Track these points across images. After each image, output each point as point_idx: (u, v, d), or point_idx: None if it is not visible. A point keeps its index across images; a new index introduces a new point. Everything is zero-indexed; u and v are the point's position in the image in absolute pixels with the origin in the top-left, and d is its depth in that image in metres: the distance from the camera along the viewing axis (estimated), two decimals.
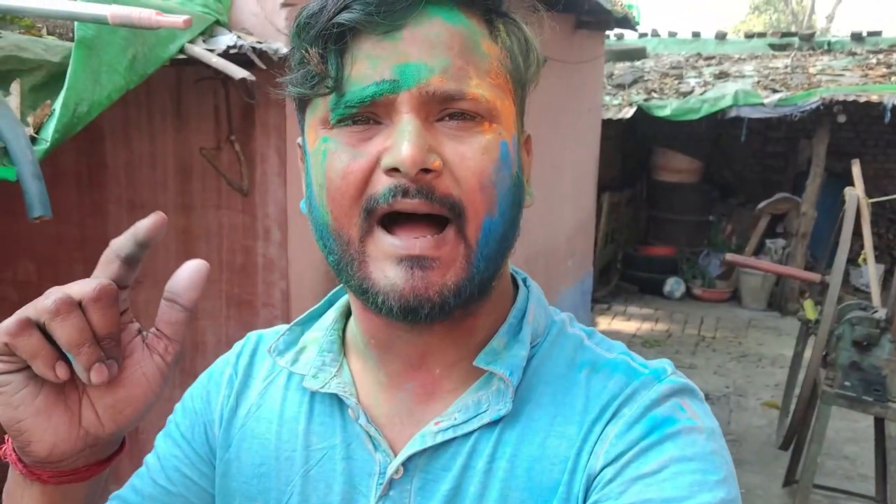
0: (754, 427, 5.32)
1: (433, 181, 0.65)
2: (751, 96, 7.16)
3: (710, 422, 0.71)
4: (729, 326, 7.62)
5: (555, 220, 5.54)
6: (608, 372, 0.74)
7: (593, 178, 6.59)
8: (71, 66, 1.41)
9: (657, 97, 7.64)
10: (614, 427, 0.69)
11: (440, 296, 0.66)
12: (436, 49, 0.66)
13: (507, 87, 0.70)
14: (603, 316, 7.80)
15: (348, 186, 0.66)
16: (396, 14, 0.65)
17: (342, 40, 0.65)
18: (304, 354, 0.81)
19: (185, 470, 0.84)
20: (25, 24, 1.52)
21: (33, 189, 1.22)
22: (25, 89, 1.39)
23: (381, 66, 0.65)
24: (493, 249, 0.68)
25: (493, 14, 0.71)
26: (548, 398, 0.73)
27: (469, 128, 0.67)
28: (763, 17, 23.75)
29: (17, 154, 1.22)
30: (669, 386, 0.71)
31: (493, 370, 0.72)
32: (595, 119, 6.53)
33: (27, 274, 2.90)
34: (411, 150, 0.63)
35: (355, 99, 0.65)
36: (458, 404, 0.74)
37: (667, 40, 9.95)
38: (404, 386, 0.76)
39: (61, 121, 1.34)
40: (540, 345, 0.77)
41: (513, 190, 0.70)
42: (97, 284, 0.60)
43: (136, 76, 1.60)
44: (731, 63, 8.62)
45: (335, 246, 0.68)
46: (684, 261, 8.62)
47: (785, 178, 9.01)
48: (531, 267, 5.03)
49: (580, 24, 5.44)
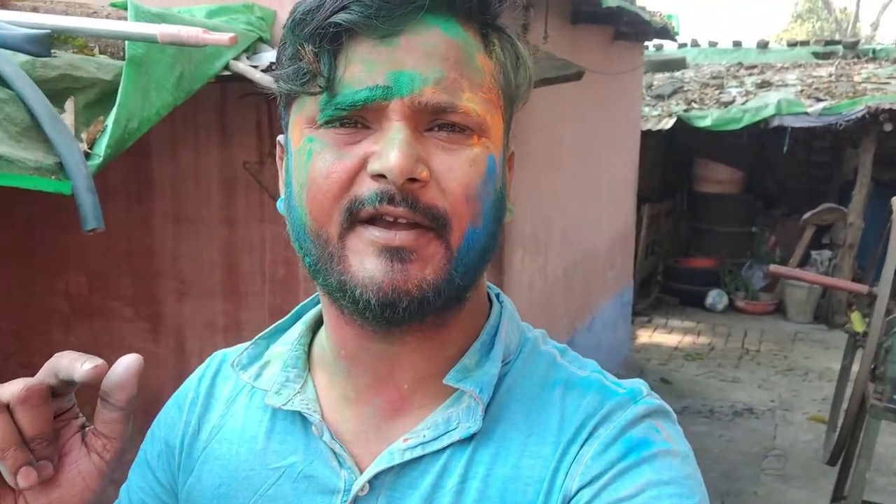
0: (801, 442, 5.21)
1: (418, 191, 0.64)
2: (794, 105, 7.05)
3: (684, 445, 0.70)
4: (773, 339, 7.48)
5: (593, 231, 5.51)
6: (582, 390, 0.73)
7: (633, 190, 6.55)
8: (122, 84, 1.46)
9: (697, 107, 7.56)
10: (590, 448, 0.69)
11: (419, 290, 0.64)
12: (431, 59, 0.65)
13: (497, 103, 0.70)
14: (643, 329, 7.72)
15: (331, 186, 0.65)
16: (395, 20, 0.64)
17: (338, 41, 0.64)
18: (267, 369, 0.79)
19: (149, 501, 0.83)
20: (79, 44, 1.58)
21: (87, 202, 1.27)
22: (79, 106, 1.44)
23: (376, 71, 0.64)
24: (473, 259, 0.68)
25: (490, 28, 0.70)
26: (521, 416, 0.72)
27: (458, 140, 0.66)
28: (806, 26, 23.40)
29: (71, 168, 1.27)
30: (645, 407, 0.71)
31: (462, 388, 0.71)
32: (634, 130, 6.50)
33: (78, 286, 2.98)
34: (400, 159, 0.62)
35: (347, 102, 0.64)
36: (428, 421, 0.72)
37: (707, 50, 9.85)
38: (371, 401, 0.74)
39: (113, 136, 1.38)
40: (513, 362, 0.75)
41: (496, 204, 0.69)
42: (24, 386, 0.60)
43: (183, 93, 1.64)
44: (774, 72, 8.50)
45: (312, 247, 0.67)
46: (727, 273, 8.49)
47: (830, 189, 8.84)
48: (570, 278, 5.01)
49: (619, 36, 5.42)
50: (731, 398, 5.96)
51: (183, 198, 2.70)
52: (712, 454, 4.97)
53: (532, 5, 3.83)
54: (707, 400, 5.89)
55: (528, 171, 4.00)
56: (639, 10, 4.89)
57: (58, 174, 1.27)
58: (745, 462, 4.93)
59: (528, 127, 3.93)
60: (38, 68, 1.39)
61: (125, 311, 2.92)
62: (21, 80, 1.31)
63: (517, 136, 3.60)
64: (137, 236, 2.77)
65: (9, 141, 1.22)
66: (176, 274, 2.78)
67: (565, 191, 4.80)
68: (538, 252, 4.38)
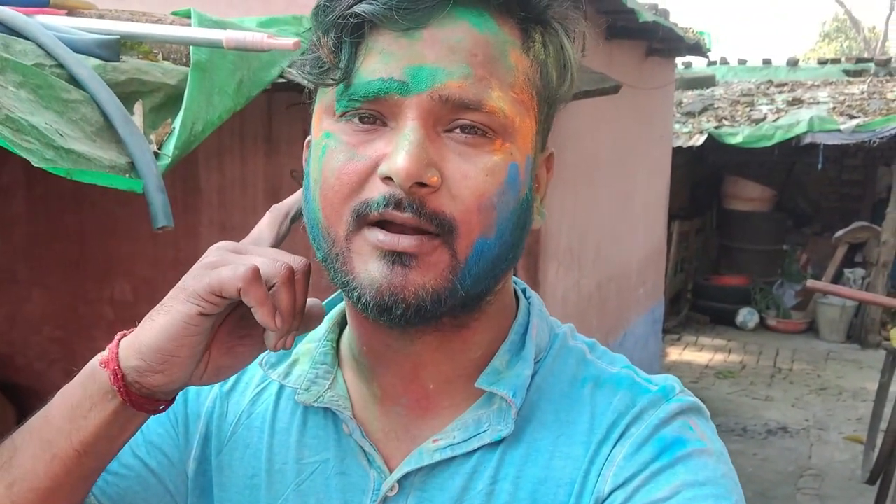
0: (837, 462, 5.14)
1: (427, 196, 0.62)
2: (827, 122, 7.01)
3: (718, 443, 0.69)
4: (806, 358, 7.39)
5: (626, 247, 5.51)
6: (612, 387, 0.71)
7: (664, 206, 6.54)
8: (188, 88, 1.50)
9: (728, 124, 7.55)
10: (622, 448, 0.67)
11: (416, 298, 0.63)
12: (456, 55, 0.61)
13: (530, 104, 0.66)
14: (674, 346, 7.66)
15: (342, 186, 0.64)
16: (419, 12, 0.61)
17: (358, 31, 0.62)
18: (296, 367, 0.78)
19: (165, 448, 0.81)
20: (144, 51, 1.62)
21: (158, 201, 1.30)
22: (146, 109, 1.48)
23: (393, 63, 0.61)
24: (483, 269, 0.65)
25: (532, 23, 0.66)
26: (551, 416, 0.71)
27: (478, 144, 0.63)
28: (834, 45, 23.29)
29: (143, 168, 1.30)
30: (678, 405, 0.69)
31: (495, 391, 0.70)
32: (666, 146, 6.49)
33: (123, 294, 3.03)
34: (407, 163, 0.60)
35: (359, 93, 0.62)
36: (458, 423, 0.71)
37: (736, 68, 9.83)
38: (399, 400, 0.73)
39: (180, 138, 1.42)
40: (543, 360, 0.74)
41: (518, 212, 0.66)
42: (306, 261, 0.66)
43: (243, 98, 1.68)
44: (805, 90, 8.47)
45: (323, 242, 0.67)
46: (757, 291, 8.42)
47: (863, 207, 8.76)
48: (603, 293, 5.00)
49: (652, 51, 5.44)
50: (764, 417, 5.89)
51: (229, 206, 2.75)
52: (746, 473, 4.91)
53: None
54: (740, 418, 5.83)
55: (564, 184, 4.01)
56: (673, 25, 4.91)
57: (130, 173, 1.30)
58: (781, 481, 4.86)
59: (565, 140, 3.95)
60: (109, 72, 1.44)
61: None
62: (95, 82, 1.35)
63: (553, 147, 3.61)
64: (184, 244, 2.82)
65: (85, 140, 1.26)
66: None
67: (600, 205, 4.81)
68: (572, 266, 4.38)
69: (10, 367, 3.34)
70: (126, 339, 0.67)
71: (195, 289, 0.63)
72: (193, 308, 0.63)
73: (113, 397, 0.66)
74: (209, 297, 0.62)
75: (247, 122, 2.60)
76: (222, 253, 0.66)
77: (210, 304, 0.63)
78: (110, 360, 0.66)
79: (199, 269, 0.65)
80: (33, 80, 1.24)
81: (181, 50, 1.67)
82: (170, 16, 1.76)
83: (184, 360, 0.64)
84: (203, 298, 0.62)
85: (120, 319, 3.12)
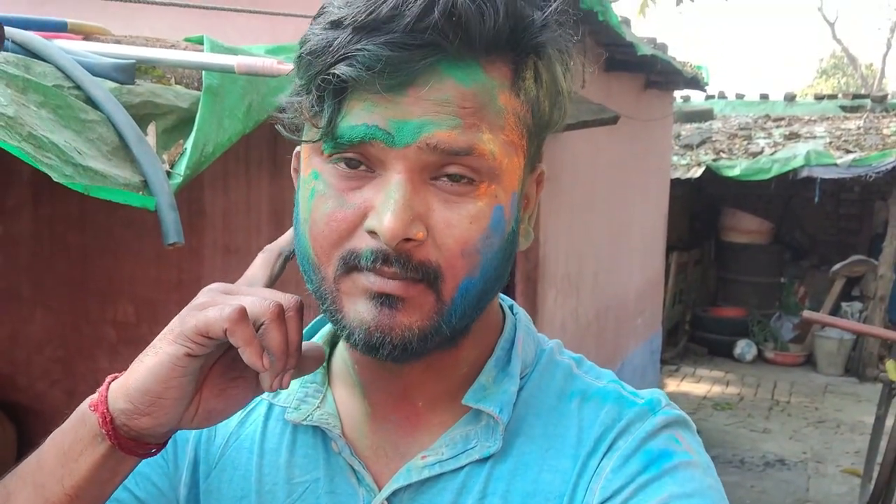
0: (834, 494, 5.13)
1: (412, 250, 0.63)
2: (823, 156, 7.09)
3: (705, 456, 0.69)
4: (804, 391, 7.39)
5: (624, 276, 5.54)
6: (599, 401, 0.72)
7: (662, 237, 6.59)
8: (199, 111, 1.55)
9: (726, 157, 7.63)
10: (609, 461, 0.68)
11: (402, 339, 0.64)
12: (443, 108, 0.61)
13: (519, 143, 0.66)
14: (671, 378, 7.67)
15: (331, 232, 0.64)
16: (402, 75, 0.60)
17: (341, 90, 0.61)
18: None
19: (154, 478, 0.81)
20: (157, 75, 1.68)
21: (169, 218, 1.34)
22: (159, 131, 1.53)
23: (377, 114, 0.61)
24: (469, 305, 0.66)
25: (524, 55, 0.64)
26: (539, 430, 0.71)
27: (464, 192, 0.63)
28: (831, 82, 23.52)
29: (155, 186, 1.35)
30: (664, 417, 0.69)
31: (482, 408, 0.70)
32: (664, 178, 6.57)
33: (126, 315, 3.06)
34: (393, 223, 0.60)
35: (344, 138, 0.62)
36: (446, 438, 0.72)
37: (734, 102, 9.95)
38: (389, 417, 0.74)
39: (192, 159, 1.47)
40: (529, 375, 0.74)
41: (502, 251, 0.67)
42: (298, 298, 0.65)
43: (251, 122, 1.73)
44: (802, 124, 8.57)
45: (314, 277, 0.67)
46: (755, 323, 8.44)
47: (860, 241, 8.82)
48: (601, 322, 5.02)
49: (650, 84, 5.53)
50: (761, 449, 5.88)
51: (233, 229, 2.79)
52: None
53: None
54: (737, 450, 5.82)
55: (562, 212, 4.06)
56: (671, 59, 5.00)
57: (143, 190, 1.35)
58: None
59: (563, 168, 4.01)
60: (124, 94, 1.48)
61: None
62: (111, 104, 1.40)
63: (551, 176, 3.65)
64: (188, 266, 2.86)
65: (101, 158, 1.31)
66: None
67: (598, 234, 4.86)
68: (570, 293, 4.41)
69: (12, 387, 3.36)
70: (115, 381, 0.66)
71: (182, 329, 0.63)
72: (181, 349, 0.62)
73: (102, 440, 0.65)
74: (196, 338, 0.62)
75: (252, 147, 2.65)
76: (212, 294, 0.66)
77: (197, 344, 0.62)
78: (99, 402, 0.65)
79: (189, 310, 0.64)
80: (53, 100, 1.28)
81: (193, 74, 1.73)
82: (183, 42, 1.82)
83: (172, 402, 0.64)
84: (190, 339, 0.62)
85: (122, 340, 3.15)
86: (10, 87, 1.19)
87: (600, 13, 3.45)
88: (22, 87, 1.24)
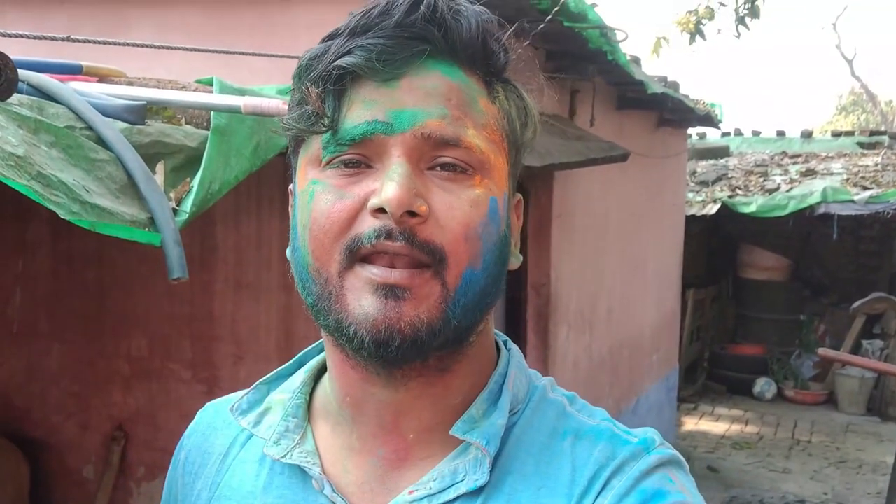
0: None
1: (417, 226, 0.64)
2: (840, 193, 7.07)
3: (699, 497, 0.69)
4: (825, 431, 7.27)
5: (639, 312, 5.52)
6: (593, 439, 0.71)
7: (677, 273, 6.56)
8: (207, 150, 1.59)
9: (742, 194, 7.62)
10: (604, 500, 0.67)
11: (412, 328, 0.64)
12: (433, 98, 0.66)
13: (501, 145, 0.70)
14: (689, 416, 7.57)
15: (332, 225, 0.65)
16: (397, 63, 0.65)
17: (342, 83, 0.66)
18: (267, 416, 0.77)
19: None
20: (168, 115, 1.73)
21: (174, 254, 1.38)
22: (168, 169, 1.57)
23: (376, 108, 0.65)
24: (471, 300, 0.67)
25: (493, 77, 0.71)
26: (531, 468, 0.70)
27: (460, 180, 0.67)
28: (850, 119, 23.45)
29: (161, 223, 1.39)
30: (658, 457, 0.69)
31: (469, 440, 0.70)
32: (678, 214, 6.56)
33: (139, 349, 3.11)
34: (398, 191, 0.63)
35: (347, 137, 0.65)
36: (434, 473, 0.70)
37: (750, 139, 9.96)
38: (376, 452, 0.72)
39: (198, 196, 1.51)
40: (521, 412, 0.74)
41: (499, 246, 0.69)
42: None
43: (259, 161, 1.77)
44: (819, 161, 8.55)
45: (314, 286, 0.67)
46: (775, 361, 8.34)
47: (880, 278, 8.73)
48: (615, 359, 5.00)
49: (663, 122, 5.57)
50: (782, 489, 5.78)
51: (245, 265, 2.83)
52: None
53: (578, 90, 3.99)
54: (757, 490, 5.72)
55: (574, 247, 4.08)
56: (682, 97, 5.04)
57: (150, 227, 1.39)
58: None
59: (575, 204, 4.03)
60: (134, 134, 1.53)
61: (183, 374, 3.02)
62: (121, 143, 1.45)
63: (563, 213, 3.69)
64: (200, 301, 2.90)
65: (109, 196, 1.35)
66: (234, 338, 2.89)
67: (611, 270, 4.86)
68: (583, 330, 4.40)
69: (27, 421, 3.40)
70: None
71: None
72: None
73: None
74: None
75: (263, 184, 2.71)
76: None
77: None
78: None
79: None
80: (64, 140, 1.33)
81: (203, 114, 1.78)
82: (194, 83, 1.88)
83: None
84: None
85: (135, 374, 3.19)
86: (22, 128, 1.24)
87: (608, 53, 3.49)
88: (34, 128, 1.29)
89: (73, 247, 3.19)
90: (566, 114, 3.90)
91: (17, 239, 3.28)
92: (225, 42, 2.48)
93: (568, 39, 3.32)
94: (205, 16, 2.90)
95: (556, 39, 3.28)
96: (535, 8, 2.88)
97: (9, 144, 1.17)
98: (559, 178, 3.68)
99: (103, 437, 3.25)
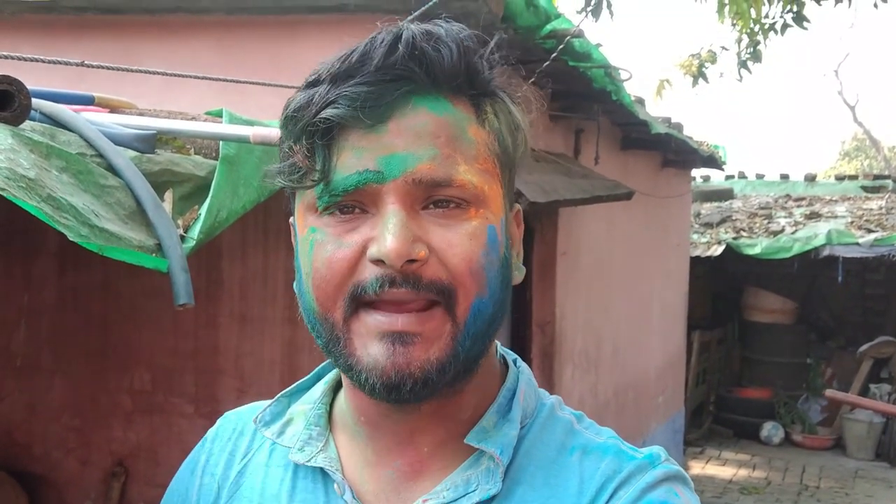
0: None
1: (419, 269, 0.65)
2: (844, 236, 7.07)
3: None
4: (834, 476, 7.16)
5: (644, 353, 5.49)
6: (600, 454, 0.73)
7: (683, 314, 6.54)
8: (215, 179, 1.61)
9: (746, 236, 7.63)
10: None
11: (422, 371, 0.65)
12: (422, 139, 0.66)
13: (494, 172, 0.71)
14: (696, 460, 7.47)
15: (333, 275, 0.66)
16: (381, 108, 0.65)
17: (328, 135, 0.66)
18: (290, 427, 0.80)
19: None
20: (177, 145, 1.75)
21: (181, 280, 1.38)
22: (176, 197, 1.59)
23: (366, 156, 0.65)
24: (480, 329, 0.68)
25: (481, 97, 0.71)
26: (540, 480, 0.72)
27: (455, 215, 0.67)
28: (854, 164, 23.55)
29: (169, 249, 1.39)
30: (664, 471, 0.71)
31: (483, 448, 0.72)
32: (683, 255, 6.57)
33: (142, 383, 3.09)
34: (395, 244, 0.63)
35: (339, 188, 0.66)
36: (447, 482, 0.72)
37: (754, 182, 10.00)
38: (392, 464, 0.75)
39: (206, 224, 1.52)
40: (530, 426, 0.76)
41: (502, 271, 0.70)
42: None
43: (266, 191, 1.78)
44: (823, 204, 8.58)
45: (322, 329, 0.69)
46: (782, 405, 8.25)
47: (887, 321, 8.67)
48: (620, 399, 4.96)
49: (667, 163, 5.60)
50: None
51: (250, 298, 2.83)
52: None
53: (583, 130, 4.03)
54: None
55: (580, 287, 4.07)
56: (686, 138, 5.08)
57: (157, 252, 1.39)
58: None
59: (579, 243, 4.04)
60: (144, 163, 1.55)
61: (186, 408, 3.00)
62: (131, 171, 1.46)
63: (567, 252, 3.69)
64: (204, 335, 2.90)
65: (118, 221, 1.36)
66: (238, 372, 2.88)
67: (616, 310, 4.84)
68: (588, 370, 4.38)
69: (28, 457, 3.37)
70: None
71: None
72: None
73: None
74: None
75: (270, 217, 2.72)
76: None
77: None
78: None
79: None
80: (75, 166, 1.35)
81: (212, 145, 1.80)
82: (203, 115, 1.90)
83: None
84: None
85: (137, 409, 3.17)
86: (34, 153, 1.26)
87: (613, 93, 3.54)
88: (45, 153, 1.30)
89: (79, 281, 3.19)
90: (571, 152, 3.94)
91: (23, 274, 3.29)
92: (234, 77, 2.52)
93: (573, 79, 3.36)
94: (214, 52, 2.95)
95: (561, 79, 3.33)
96: (541, 47, 2.92)
97: (21, 167, 1.19)
98: (564, 214, 3.70)
99: (104, 472, 3.22)
